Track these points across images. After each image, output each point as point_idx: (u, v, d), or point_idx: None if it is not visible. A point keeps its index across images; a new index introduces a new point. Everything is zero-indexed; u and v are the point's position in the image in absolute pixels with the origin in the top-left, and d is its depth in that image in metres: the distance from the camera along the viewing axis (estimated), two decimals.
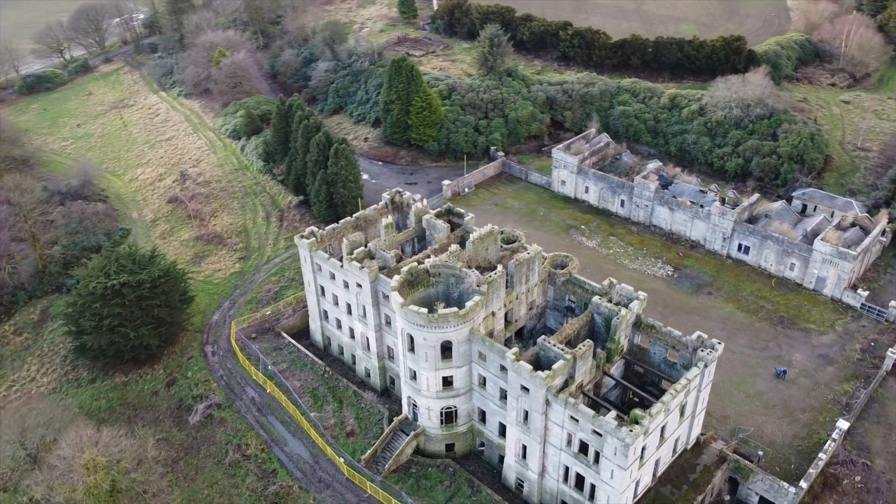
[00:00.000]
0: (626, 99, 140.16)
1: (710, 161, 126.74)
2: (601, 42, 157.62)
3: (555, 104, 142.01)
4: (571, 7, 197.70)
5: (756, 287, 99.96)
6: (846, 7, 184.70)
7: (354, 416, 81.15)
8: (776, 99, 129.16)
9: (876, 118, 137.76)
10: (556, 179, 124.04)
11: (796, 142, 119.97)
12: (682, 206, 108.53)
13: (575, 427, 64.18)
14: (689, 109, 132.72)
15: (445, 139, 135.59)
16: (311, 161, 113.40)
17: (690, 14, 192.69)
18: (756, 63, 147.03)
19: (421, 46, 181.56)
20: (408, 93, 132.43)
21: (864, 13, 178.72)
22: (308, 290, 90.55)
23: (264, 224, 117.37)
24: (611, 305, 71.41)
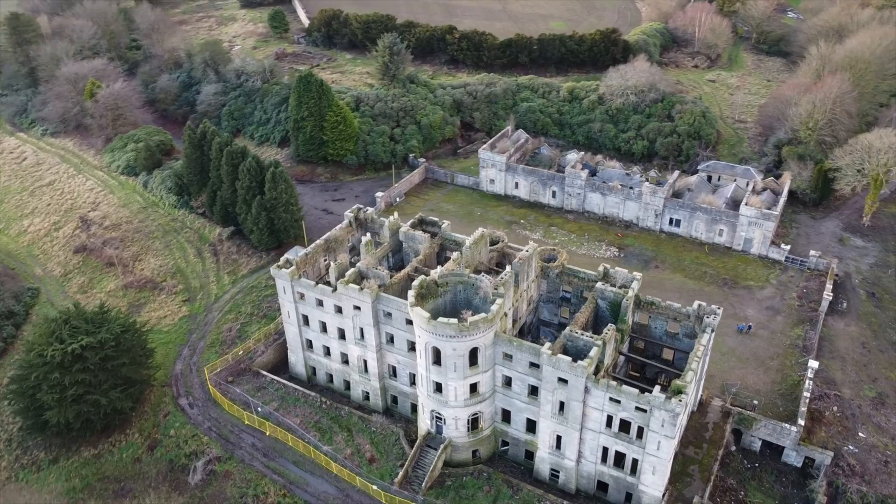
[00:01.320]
0: (527, 95, 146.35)
1: (618, 146, 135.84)
2: (489, 43, 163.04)
3: (462, 106, 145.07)
4: (441, 12, 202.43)
5: (693, 255, 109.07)
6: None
7: (369, 441, 78.87)
8: (666, 83, 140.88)
9: (742, 93, 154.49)
10: (485, 179, 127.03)
11: (691, 120, 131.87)
12: (613, 191, 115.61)
13: (616, 408, 67.11)
14: (589, 100, 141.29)
15: (363, 151, 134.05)
16: (243, 188, 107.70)
17: (554, 11, 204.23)
18: (632, 52, 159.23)
19: (303, 60, 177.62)
20: (319, 108, 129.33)
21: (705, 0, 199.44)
22: (287, 321, 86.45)
23: (198, 261, 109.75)
24: (616, 289, 75.26)
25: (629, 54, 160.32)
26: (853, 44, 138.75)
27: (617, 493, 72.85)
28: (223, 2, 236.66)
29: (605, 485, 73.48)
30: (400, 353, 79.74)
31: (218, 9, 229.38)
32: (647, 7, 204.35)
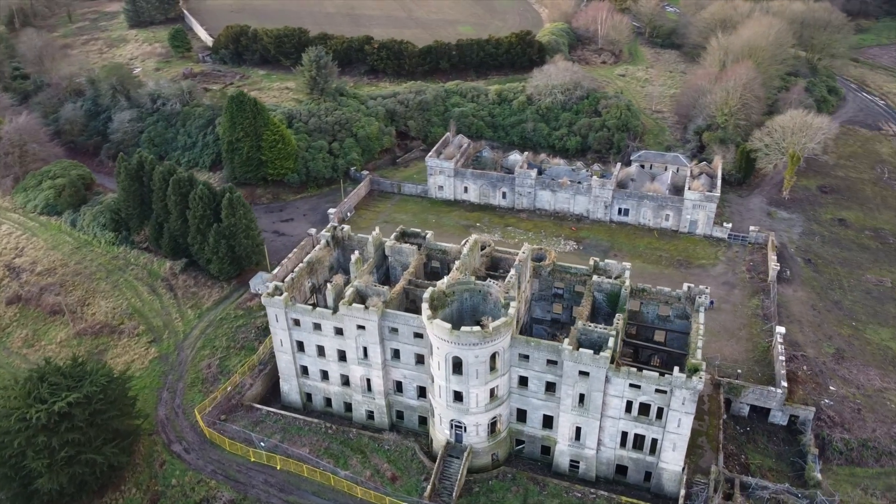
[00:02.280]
0: (457, 100, 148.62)
1: (552, 143, 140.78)
2: (409, 51, 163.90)
3: (395, 116, 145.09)
4: (347, 22, 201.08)
5: (646, 241, 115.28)
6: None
7: (386, 460, 78.05)
8: (589, 80, 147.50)
9: (653, 86, 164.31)
10: (433, 186, 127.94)
11: (618, 114, 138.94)
12: (563, 187, 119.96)
13: (636, 393, 70.39)
14: (518, 101, 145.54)
15: (304, 168, 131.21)
16: (195, 218, 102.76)
17: (460, 16, 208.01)
18: (547, 53, 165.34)
19: (214, 79, 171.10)
20: (255, 128, 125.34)
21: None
22: (280, 350, 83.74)
23: (154, 299, 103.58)
24: (612, 280, 78.73)
25: (544, 55, 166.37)
26: (749, 33, 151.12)
27: (636, 474, 76.31)
28: (107, 23, 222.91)
29: (623, 468, 76.79)
30: (406, 367, 79.42)
31: (103, 30, 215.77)
32: (545, 9, 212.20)
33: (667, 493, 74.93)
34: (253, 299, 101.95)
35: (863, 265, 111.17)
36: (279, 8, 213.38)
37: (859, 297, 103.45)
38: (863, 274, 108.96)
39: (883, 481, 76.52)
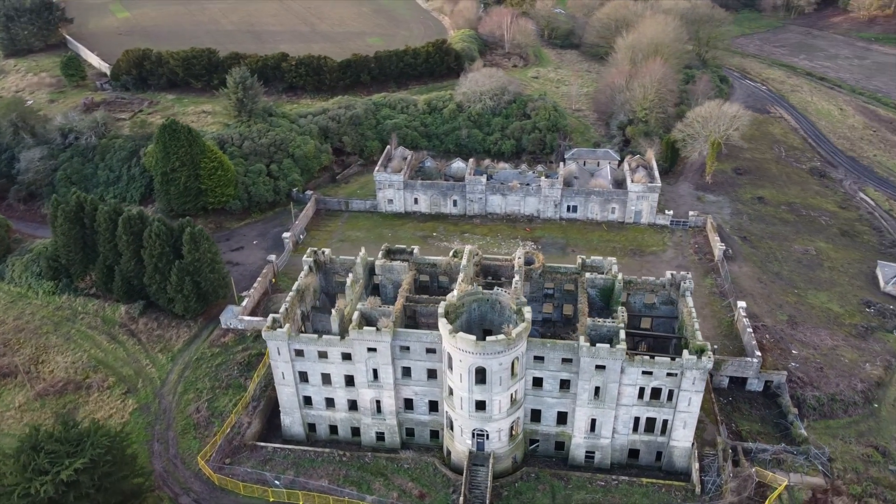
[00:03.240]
0: (387, 113, 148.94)
1: (487, 148, 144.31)
2: (329, 66, 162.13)
3: (329, 132, 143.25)
4: (249, 40, 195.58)
5: (597, 235, 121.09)
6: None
7: (409, 478, 78.00)
8: (514, 85, 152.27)
9: (568, 86, 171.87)
10: (383, 200, 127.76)
11: (547, 115, 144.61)
12: (513, 190, 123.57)
13: (648, 379, 74.57)
14: (449, 109, 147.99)
15: (245, 194, 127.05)
16: (153, 256, 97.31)
17: (364, 28, 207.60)
18: (467, 60, 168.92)
19: (120, 108, 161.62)
20: (192, 156, 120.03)
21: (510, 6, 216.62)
22: (281, 383, 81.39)
23: (116, 347, 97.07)
24: (606, 276, 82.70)
25: (461, 62, 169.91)
26: (652, 31, 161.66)
27: (648, 456, 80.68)
28: None
29: (635, 451, 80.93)
30: (418, 384, 79.62)
31: None
32: (445, 17, 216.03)
33: (678, 469, 79.82)
34: (226, 335, 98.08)
35: (788, 237, 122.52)
36: (173, 29, 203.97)
37: (794, 267, 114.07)
38: (790, 245, 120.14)
39: (853, 429, 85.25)
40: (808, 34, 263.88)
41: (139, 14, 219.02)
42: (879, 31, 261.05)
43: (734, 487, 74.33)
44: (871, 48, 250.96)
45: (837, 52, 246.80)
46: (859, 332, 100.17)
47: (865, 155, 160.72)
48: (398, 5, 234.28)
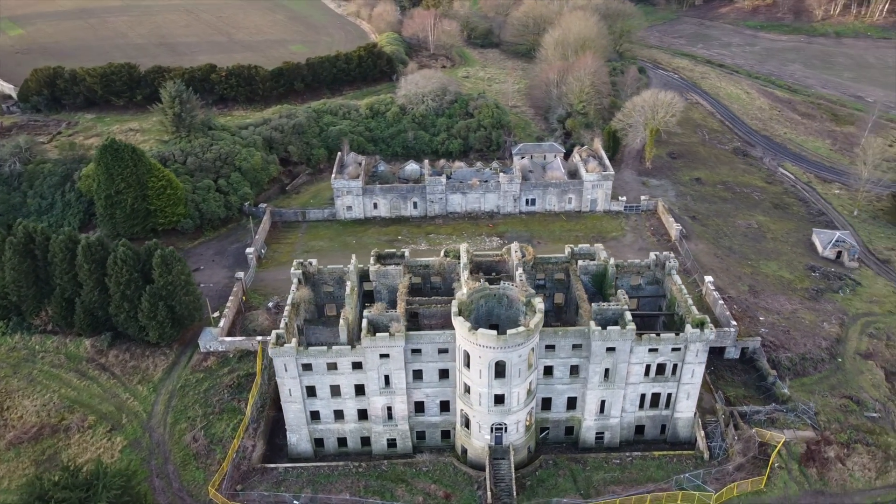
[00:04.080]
0: (330, 120, 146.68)
1: (434, 149, 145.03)
2: (261, 75, 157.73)
3: (273, 143, 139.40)
4: (164, 52, 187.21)
5: (558, 225, 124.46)
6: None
7: (431, 481, 77.78)
8: (454, 85, 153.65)
9: (499, 83, 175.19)
10: (341, 207, 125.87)
11: (490, 113, 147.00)
12: (473, 188, 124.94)
13: (654, 357, 77.87)
14: (392, 112, 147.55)
15: (197, 212, 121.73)
16: (120, 284, 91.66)
17: (283, 35, 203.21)
18: (401, 63, 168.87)
19: (37, 130, 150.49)
20: (138, 176, 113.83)
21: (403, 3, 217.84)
22: (288, 400, 79.09)
23: (89, 384, 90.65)
24: (598, 262, 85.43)
25: (393, 65, 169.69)
26: (578, 27, 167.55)
27: (653, 430, 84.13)
28: None
29: (641, 427, 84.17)
30: (429, 386, 79.50)
31: None
32: (365, 22, 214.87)
33: (682, 439, 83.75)
34: (207, 359, 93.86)
35: (730, 214, 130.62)
36: (76, 45, 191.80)
37: (742, 241, 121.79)
38: (734, 221, 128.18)
39: (825, 383, 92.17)
40: (702, 25, 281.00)
41: (34, 31, 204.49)
42: (763, 20, 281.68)
43: (740, 449, 78.90)
44: (758, 35, 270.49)
45: (730, 40, 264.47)
46: (811, 294, 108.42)
47: (777, 133, 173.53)
48: (312, 12, 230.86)
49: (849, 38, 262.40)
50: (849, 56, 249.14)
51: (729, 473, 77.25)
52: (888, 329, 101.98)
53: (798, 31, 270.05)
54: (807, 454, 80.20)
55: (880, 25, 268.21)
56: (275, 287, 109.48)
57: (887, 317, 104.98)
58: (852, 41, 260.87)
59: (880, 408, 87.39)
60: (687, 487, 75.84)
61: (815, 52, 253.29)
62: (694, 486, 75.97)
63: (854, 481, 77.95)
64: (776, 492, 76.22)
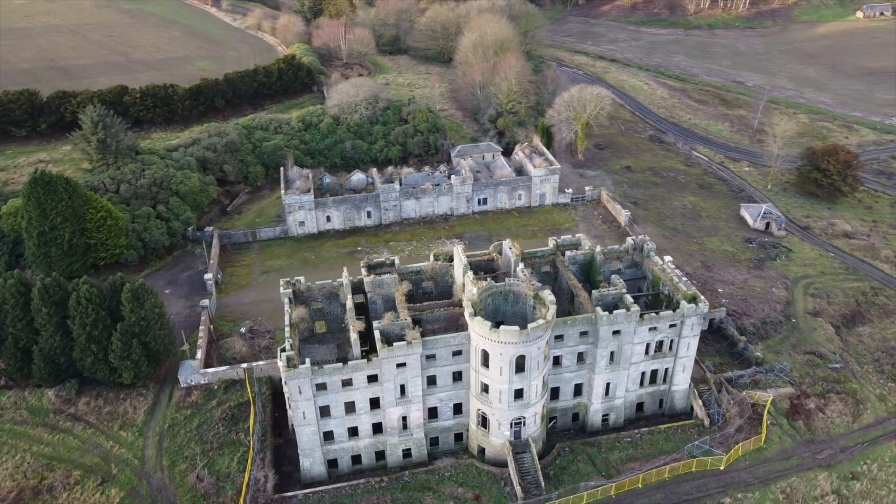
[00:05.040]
0: (262, 135, 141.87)
1: (374, 157, 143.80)
2: (179, 94, 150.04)
3: (207, 163, 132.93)
4: (59, 77, 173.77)
5: (512, 222, 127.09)
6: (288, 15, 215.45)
7: (457, 485, 77.63)
8: (386, 92, 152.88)
9: (419, 89, 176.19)
10: (294, 223, 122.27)
11: (424, 118, 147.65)
12: (426, 192, 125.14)
13: (653, 335, 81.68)
14: (325, 123, 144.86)
15: (139, 242, 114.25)
16: (84, 326, 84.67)
17: (186, 52, 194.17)
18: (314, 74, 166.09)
19: None
20: (74, 209, 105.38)
21: (304, 13, 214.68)
22: (302, 424, 76.36)
23: (64, 437, 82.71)
24: (585, 251, 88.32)
25: (314, 77, 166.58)
26: (494, 29, 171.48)
27: (652, 405, 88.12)
28: None
29: (641, 405, 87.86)
30: (443, 390, 79.37)
31: None
32: (270, 36, 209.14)
33: (678, 410, 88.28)
34: (191, 394, 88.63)
35: (665, 197, 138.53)
36: None
37: (682, 221, 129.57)
38: (671, 203, 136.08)
39: (787, 343, 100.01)
40: (587, 23, 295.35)
41: None
42: (642, 16, 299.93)
43: (736, 412, 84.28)
44: (641, 31, 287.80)
45: (615, 36, 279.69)
46: (755, 264, 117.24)
47: (683, 119, 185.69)
48: (208, 26, 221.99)
49: (720, 29, 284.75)
50: (723, 45, 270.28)
51: (731, 436, 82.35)
52: (825, 288, 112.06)
53: (675, 25, 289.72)
54: (791, 409, 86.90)
55: (745, 17, 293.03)
56: (241, 312, 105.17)
57: (822, 277, 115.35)
58: (723, 32, 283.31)
59: (839, 359, 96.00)
60: (697, 454, 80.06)
61: (694, 43, 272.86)
62: (703, 451, 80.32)
63: (836, 427, 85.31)
64: (774, 447, 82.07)
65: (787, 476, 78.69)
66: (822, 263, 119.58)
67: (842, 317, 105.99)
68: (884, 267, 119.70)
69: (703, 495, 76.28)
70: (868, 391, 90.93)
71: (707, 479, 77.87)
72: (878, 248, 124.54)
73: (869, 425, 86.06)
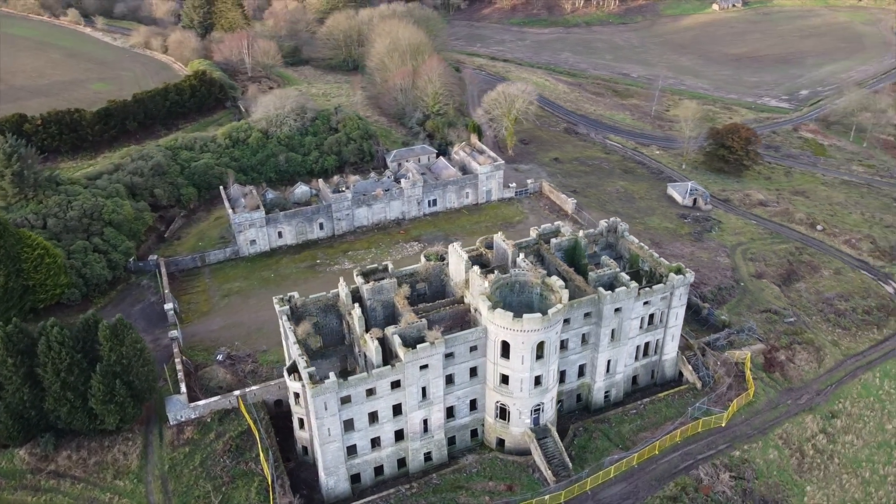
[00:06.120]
0: (189, 155, 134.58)
1: (309, 168, 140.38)
2: (87, 119, 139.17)
3: (136, 189, 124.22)
4: None
5: (465, 220, 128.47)
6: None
7: (488, 479, 77.81)
8: (311, 102, 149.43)
9: (336, 98, 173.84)
10: (244, 243, 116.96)
11: (354, 125, 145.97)
12: (378, 198, 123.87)
13: (647, 309, 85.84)
14: (254, 138, 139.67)
15: (80, 279, 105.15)
16: (57, 373, 77.21)
17: (76, 75, 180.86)
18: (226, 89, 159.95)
19: None
20: (7, 249, 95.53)
21: (194, 28, 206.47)
22: (327, 441, 73.66)
23: (52, 496, 74.43)
24: (569, 237, 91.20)
25: (226, 92, 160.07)
26: (406, 34, 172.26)
27: (645, 377, 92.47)
28: None
29: (635, 377, 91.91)
30: (461, 388, 79.45)
31: None
32: (161, 54, 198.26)
33: (668, 378, 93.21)
34: (183, 430, 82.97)
35: (597, 184, 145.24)
36: None
37: (620, 205, 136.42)
38: (604, 189, 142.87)
39: (742, 304, 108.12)
40: (472, 26, 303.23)
41: None
42: (522, 17, 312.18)
43: (724, 372, 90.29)
44: (524, 31, 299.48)
45: (502, 37, 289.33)
46: (695, 237, 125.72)
47: (589, 111, 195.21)
48: (90, 48, 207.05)
49: (597, 26, 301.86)
50: (602, 41, 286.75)
51: (724, 394, 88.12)
52: (760, 253, 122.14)
53: (555, 24, 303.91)
54: (766, 363, 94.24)
55: (617, 13, 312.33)
56: (212, 339, 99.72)
57: (753, 243, 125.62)
58: (600, 28, 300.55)
59: (792, 313, 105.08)
60: (698, 416, 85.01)
61: (576, 40, 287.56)
62: (703, 412, 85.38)
63: (806, 374, 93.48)
64: (762, 399, 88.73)
65: (780, 423, 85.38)
66: (750, 231, 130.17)
67: (780, 276, 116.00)
68: (800, 229, 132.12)
69: (714, 451, 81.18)
70: (822, 339, 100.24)
71: (714, 437, 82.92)
72: (792, 212, 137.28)
73: (832, 368, 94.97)
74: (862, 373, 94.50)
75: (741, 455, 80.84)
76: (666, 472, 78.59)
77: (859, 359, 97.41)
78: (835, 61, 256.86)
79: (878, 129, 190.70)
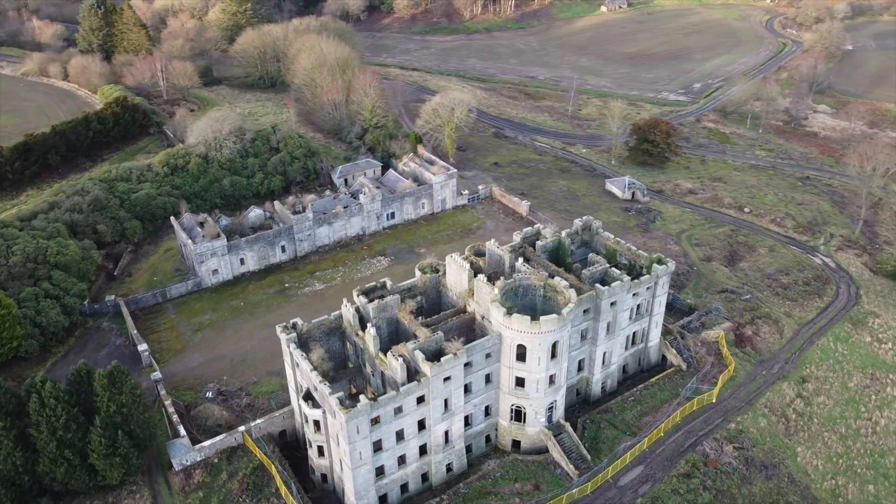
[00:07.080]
0: (127, 186, 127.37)
1: (256, 191, 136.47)
2: (5, 155, 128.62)
3: (77, 227, 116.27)
4: None
5: (424, 231, 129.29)
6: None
7: (514, 481, 79.38)
8: (247, 122, 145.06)
9: (264, 117, 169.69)
10: (207, 273, 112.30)
11: (295, 143, 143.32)
12: (338, 215, 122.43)
13: (635, 300, 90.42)
14: (194, 163, 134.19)
15: (35, 329, 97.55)
16: (51, 432, 71.99)
17: None
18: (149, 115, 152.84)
19: None
20: None
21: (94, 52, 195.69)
22: (358, 465, 72.81)
23: None
24: (553, 238, 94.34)
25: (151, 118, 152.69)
26: (332, 49, 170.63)
27: (634, 364, 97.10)
28: None
29: (625, 366, 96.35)
30: (477, 395, 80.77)
31: None
32: (62, 81, 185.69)
33: (653, 363, 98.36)
34: (191, 475, 79.23)
35: (540, 185, 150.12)
36: None
37: (567, 203, 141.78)
38: (548, 189, 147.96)
39: (700, 287, 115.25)
40: (373, 37, 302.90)
41: None
42: (423, 26, 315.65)
43: (705, 352, 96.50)
44: (427, 39, 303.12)
45: (406, 46, 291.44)
46: (642, 228, 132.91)
47: (512, 115, 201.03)
48: None
49: (497, 32, 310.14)
50: (504, 46, 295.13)
51: (708, 373, 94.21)
52: (702, 238, 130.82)
53: (456, 32, 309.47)
54: (737, 339, 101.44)
55: (514, 18, 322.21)
56: (195, 377, 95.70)
57: (694, 229, 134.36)
58: (500, 33, 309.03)
59: (746, 291, 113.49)
60: (691, 396, 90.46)
61: (479, 46, 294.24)
62: (693, 391, 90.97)
63: (772, 345, 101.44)
64: (741, 373, 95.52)
65: (763, 393, 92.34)
66: (688, 218, 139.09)
67: (725, 258, 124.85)
68: (730, 212, 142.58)
69: (712, 426, 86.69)
70: (777, 312, 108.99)
71: (709, 413, 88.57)
72: (721, 197, 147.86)
73: (792, 338, 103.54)
74: (817, 339, 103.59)
75: (736, 427, 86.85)
76: (675, 452, 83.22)
77: (811, 326, 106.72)
78: (718, 55, 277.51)
79: (770, 116, 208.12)
